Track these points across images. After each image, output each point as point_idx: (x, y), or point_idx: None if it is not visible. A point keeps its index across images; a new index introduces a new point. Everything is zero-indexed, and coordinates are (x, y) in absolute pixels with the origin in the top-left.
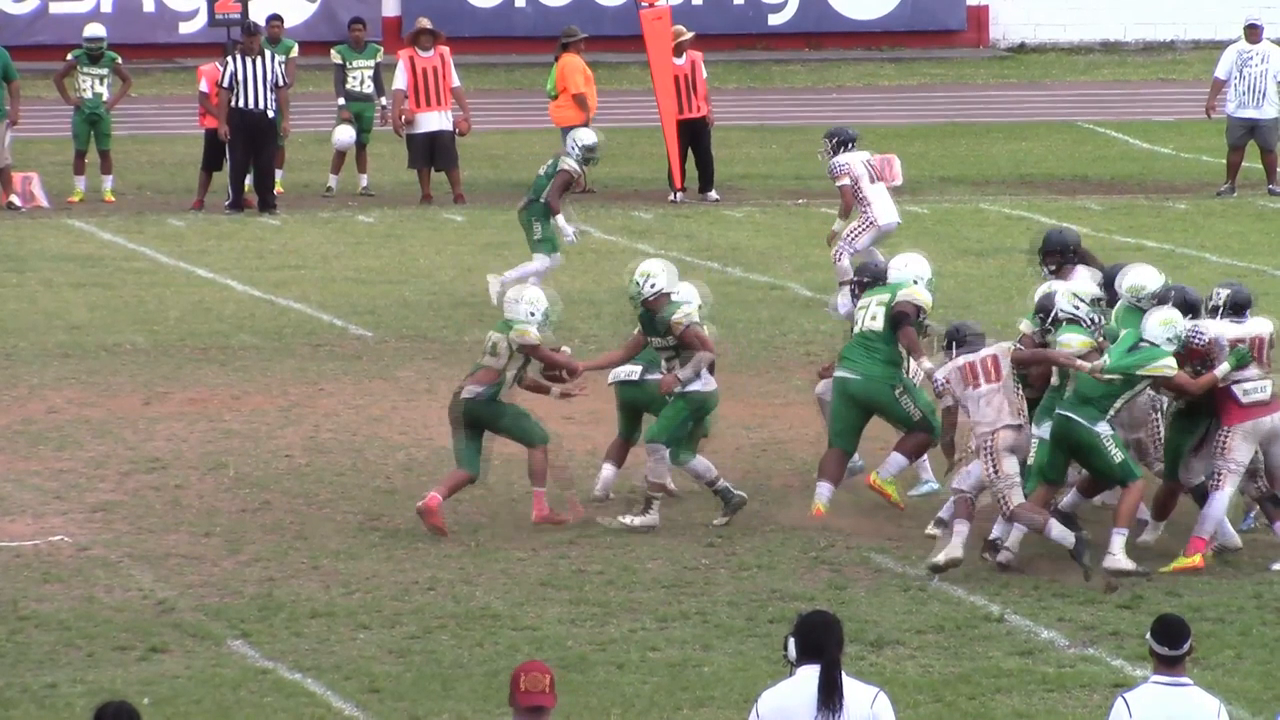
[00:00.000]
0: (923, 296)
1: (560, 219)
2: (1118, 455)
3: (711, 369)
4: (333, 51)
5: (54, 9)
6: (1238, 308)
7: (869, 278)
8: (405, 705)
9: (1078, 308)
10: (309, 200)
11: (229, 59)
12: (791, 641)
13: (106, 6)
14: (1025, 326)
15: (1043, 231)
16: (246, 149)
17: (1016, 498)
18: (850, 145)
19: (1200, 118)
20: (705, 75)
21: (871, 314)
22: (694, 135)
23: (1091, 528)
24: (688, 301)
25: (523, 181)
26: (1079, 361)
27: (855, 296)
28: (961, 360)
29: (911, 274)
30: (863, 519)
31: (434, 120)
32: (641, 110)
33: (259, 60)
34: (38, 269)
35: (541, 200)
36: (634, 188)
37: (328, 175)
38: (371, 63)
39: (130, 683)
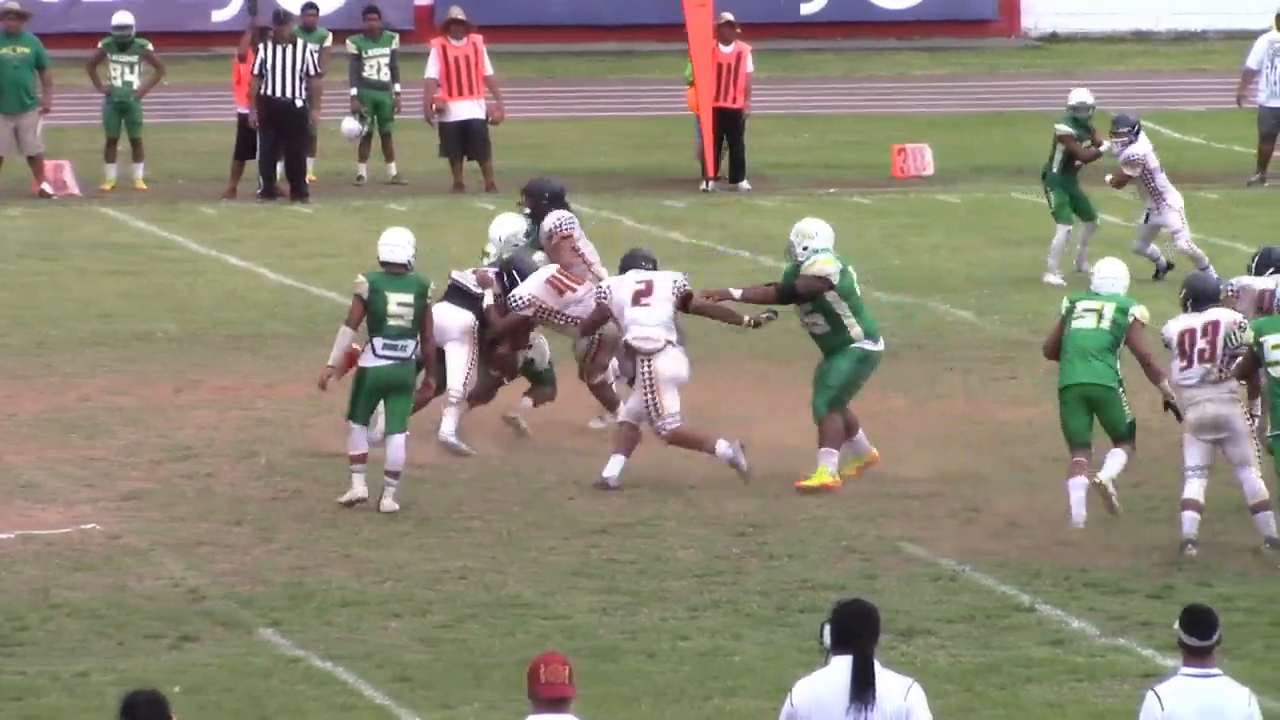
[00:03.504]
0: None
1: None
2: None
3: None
4: (347, 41)
5: None
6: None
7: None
8: (436, 694)
9: None
10: (341, 189)
11: (260, 46)
12: (827, 629)
13: None
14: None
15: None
16: (276, 137)
17: (602, 384)
18: (1138, 131)
19: (1231, 108)
20: (751, 69)
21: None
22: (728, 125)
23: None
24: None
25: (556, 170)
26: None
27: None
28: (632, 278)
29: None
30: (891, 506)
31: (466, 109)
32: (675, 99)
33: (290, 48)
34: (70, 257)
35: (1054, 171)
36: (666, 176)
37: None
38: (387, 51)
39: (161, 671)
